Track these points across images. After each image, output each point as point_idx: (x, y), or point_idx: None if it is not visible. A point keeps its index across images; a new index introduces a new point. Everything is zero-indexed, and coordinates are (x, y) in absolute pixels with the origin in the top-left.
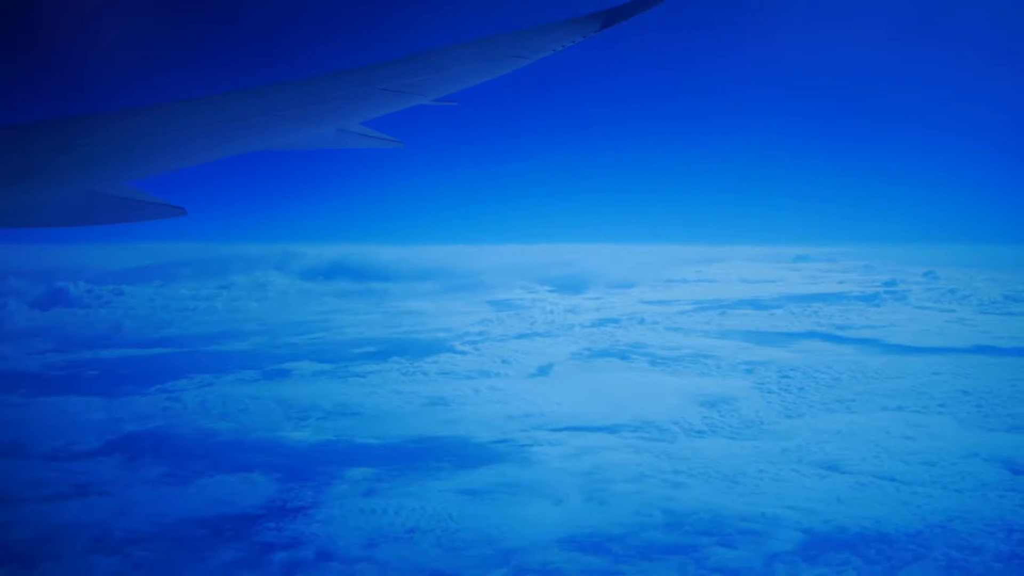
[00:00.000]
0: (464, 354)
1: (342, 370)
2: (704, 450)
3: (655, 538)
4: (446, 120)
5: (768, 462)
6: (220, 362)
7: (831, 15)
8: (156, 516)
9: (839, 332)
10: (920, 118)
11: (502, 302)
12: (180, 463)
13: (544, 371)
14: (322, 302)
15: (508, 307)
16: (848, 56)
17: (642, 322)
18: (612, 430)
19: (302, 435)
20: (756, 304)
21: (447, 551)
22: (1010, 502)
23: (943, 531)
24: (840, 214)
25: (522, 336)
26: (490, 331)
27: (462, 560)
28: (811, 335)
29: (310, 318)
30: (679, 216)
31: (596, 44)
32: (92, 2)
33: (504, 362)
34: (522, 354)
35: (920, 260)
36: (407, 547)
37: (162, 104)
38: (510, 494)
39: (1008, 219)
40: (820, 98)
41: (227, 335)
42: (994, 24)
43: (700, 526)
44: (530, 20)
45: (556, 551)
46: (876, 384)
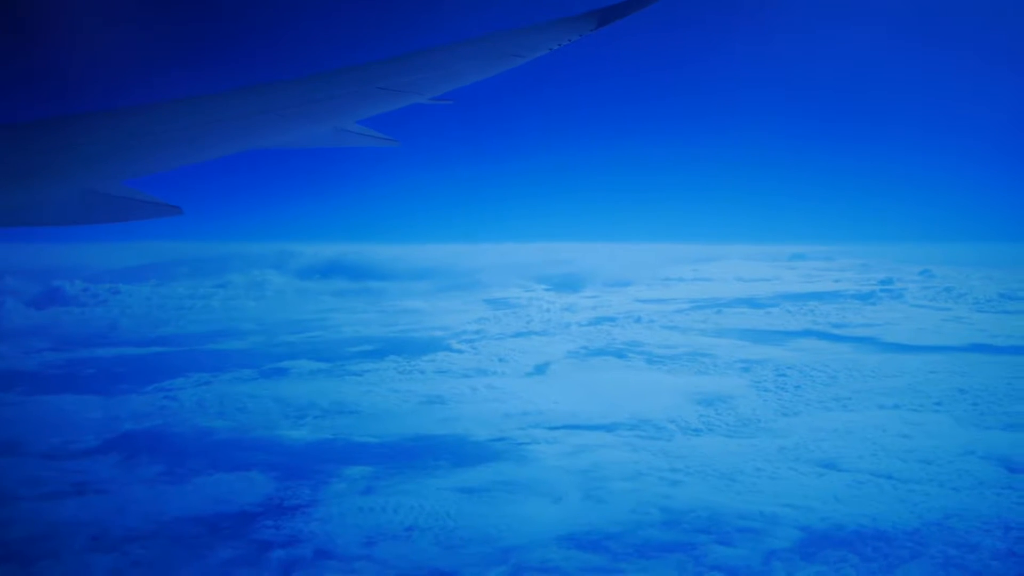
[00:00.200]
0: (461, 353)
1: (339, 369)
2: (701, 448)
3: (653, 536)
4: (443, 119)
5: (765, 460)
6: (217, 361)
7: (827, 15)
8: (154, 514)
9: (835, 330)
10: (916, 118)
11: (499, 301)
12: (177, 461)
13: (541, 369)
14: (319, 301)
15: (505, 306)
16: (844, 56)
17: (638, 321)
18: (609, 428)
19: (300, 433)
20: (752, 303)
21: (446, 549)
22: (1007, 500)
23: (940, 529)
24: (836, 213)
25: (519, 335)
26: (487, 330)
27: (461, 558)
28: (807, 333)
29: (307, 317)
30: (675, 215)
31: (592, 43)
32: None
33: (501, 360)
34: (519, 353)
35: (916, 259)
36: (406, 545)
37: (158, 103)
38: (508, 492)
39: (1004, 218)
40: (817, 98)
41: (224, 334)
42: (992, 24)
43: (698, 524)
44: (526, 19)
45: (554, 549)
46: (873, 382)
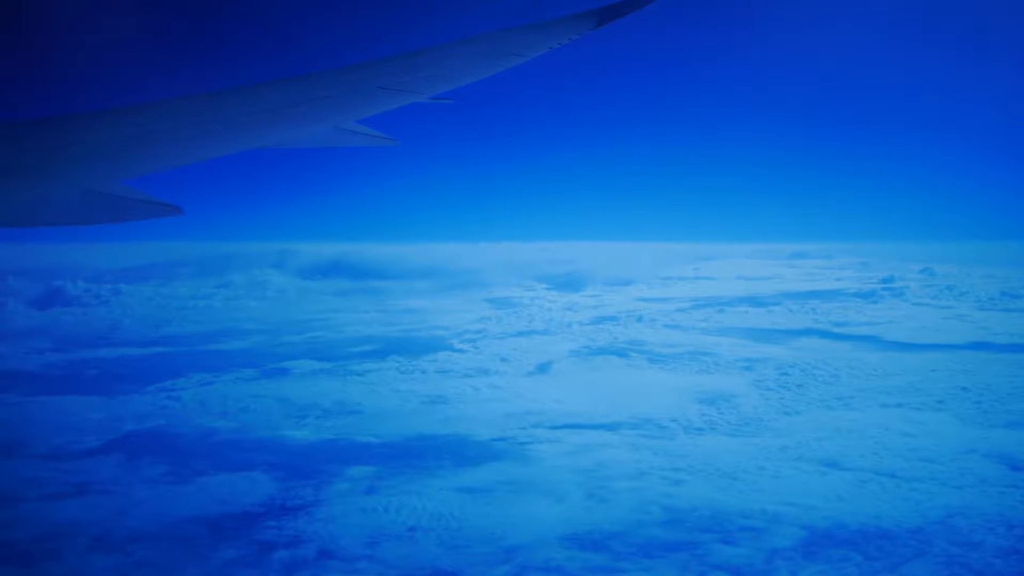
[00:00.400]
0: (463, 352)
1: (341, 368)
2: (703, 447)
3: (656, 535)
4: (442, 118)
5: (768, 459)
6: (219, 361)
7: (827, 14)
8: (156, 515)
9: (837, 329)
10: (918, 117)
11: (500, 300)
12: (180, 462)
13: (543, 369)
14: (321, 301)
15: (506, 305)
16: (845, 55)
17: (640, 320)
18: (611, 427)
19: (302, 433)
20: (754, 301)
21: (449, 549)
22: (1010, 498)
23: (943, 527)
24: (837, 211)
25: (521, 334)
26: (488, 329)
27: (464, 558)
28: (809, 332)
29: (309, 317)
30: (676, 214)
31: (593, 42)
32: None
33: (503, 360)
34: (521, 352)
35: (917, 257)
36: (409, 545)
37: (158, 102)
38: (511, 492)
39: (1005, 216)
40: (818, 97)
41: (226, 334)
42: (992, 24)
43: (700, 523)
44: (525, 18)
45: (557, 549)
46: (874, 381)
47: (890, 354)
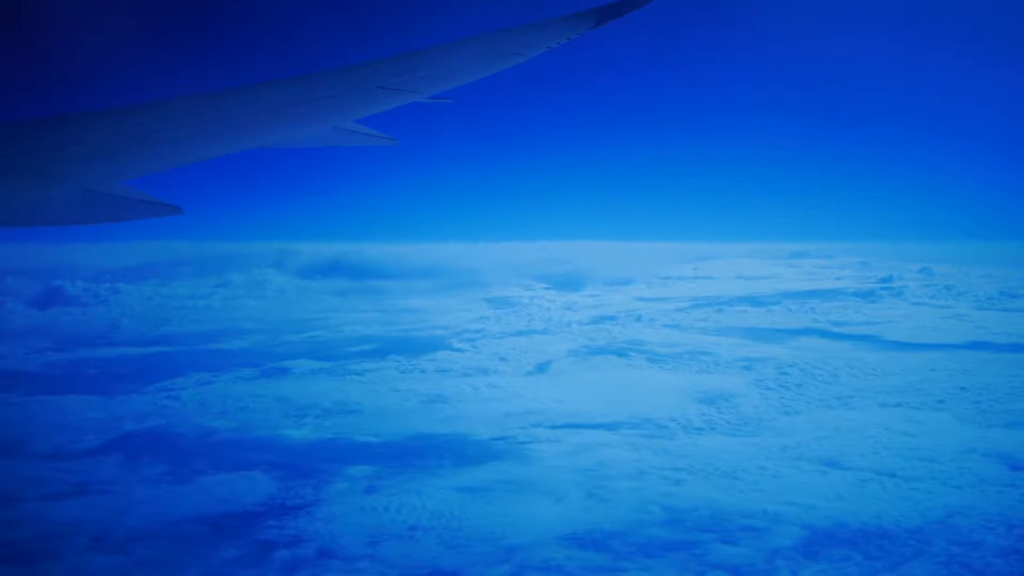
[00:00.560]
0: (462, 352)
1: (340, 368)
2: (703, 447)
3: (656, 535)
4: (441, 117)
5: (768, 458)
6: (219, 360)
7: (827, 14)
8: (156, 514)
9: (836, 328)
10: (917, 117)
11: (499, 299)
12: (180, 461)
13: (542, 368)
14: (320, 300)
15: (505, 305)
16: (844, 55)
17: (639, 319)
18: (611, 427)
19: (301, 433)
20: (753, 301)
21: (449, 548)
22: (1009, 498)
23: (943, 527)
24: (836, 211)
25: (520, 333)
26: (488, 328)
27: (464, 557)
28: (808, 332)
29: (308, 316)
30: (675, 213)
31: (591, 41)
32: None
33: (502, 359)
34: (520, 351)
35: (916, 257)
36: (409, 544)
37: (157, 102)
38: (510, 491)
39: (1003, 216)
40: (817, 96)
41: (225, 333)
42: (992, 24)
43: (701, 523)
44: (524, 18)
45: (557, 548)
46: (874, 380)
47: (889, 354)
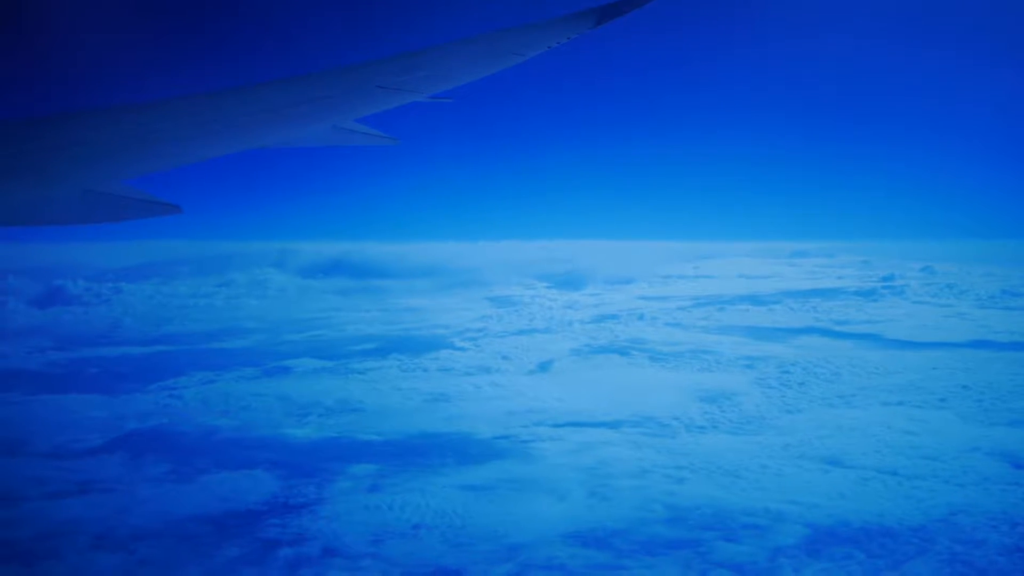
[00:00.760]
0: (464, 350)
1: (343, 367)
2: (705, 445)
3: (658, 533)
4: (442, 117)
5: (770, 457)
6: (221, 359)
7: (829, 14)
8: (159, 513)
9: (838, 327)
10: (918, 116)
11: (501, 298)
12: (182, 460)
13: (544, 367)
14: (322, 299)
15: (507, 303)
16: (845, 54)
17: (641, 318)
18: (613, 426)
19: (304, 432)
20: (755, 300)
21: (452, 547)
22: (1012, 496)
23: (946, 525)
24: (837, 210)
25: (522, 332)
26: (489, 327)
27: (468, 556)
28: (810, 330)
29: (310, 315)
30: (676, 212)
31: (592, 41)
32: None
33: (504, 358)
34: (522, 350)
35: (918, 255)
36: (413, 543)
37: (157, 102)
38: (513, 490)
39: (1005, 214)
40: (818, 96)
41: (227, 332)
42: (993, 22)
43: (703, 521)
44: (524, 17)
45: (560, 547)
46: (876, 379)
47: (891, 352)
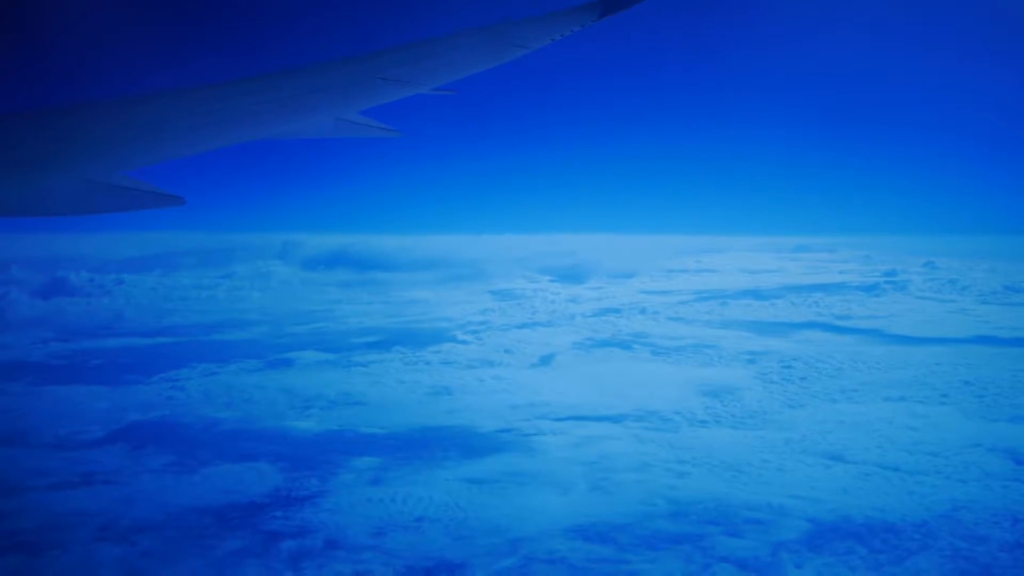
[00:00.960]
0: (466, 344)
1: (345, 359)
2: (708, 440)
3: (661, 527)
4: (445, 109)
5: (772, 452)
6: (223, 351)
7: (832, 9)
8: (162, 505)
9: (840, 322)
10: (920, 111)
11: (503, 292)
12: (185, 452)
13: (546, 361)
14: (324, 291)
15: (509, 297)
16: (848, 49)
17: (643, 312)
18: (615, 420)
19: (307, 424)
20: (757, 294)
21: (456, 540)
22: (1015, 492)
23: (948, 521)
24: (839, 204)
25: (524, 326)
26: (492, 321)
27: (471, 549)
28: (812, 325)
29: (312, 307)
30: (679, 206)
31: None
32: None
33: (506, 352)
34: (524, 344)
35: (920, 250)
36: (416, 535)
37: (160, 93)
38: (516, 483)
39: (1008, 210)
40: (822, 91)
41: (230, 324)
42: (993, 21)
43: (705, 515)
44: (528, 10)
45: (562, 540)
46: (878, 374)
47: (893, 347)
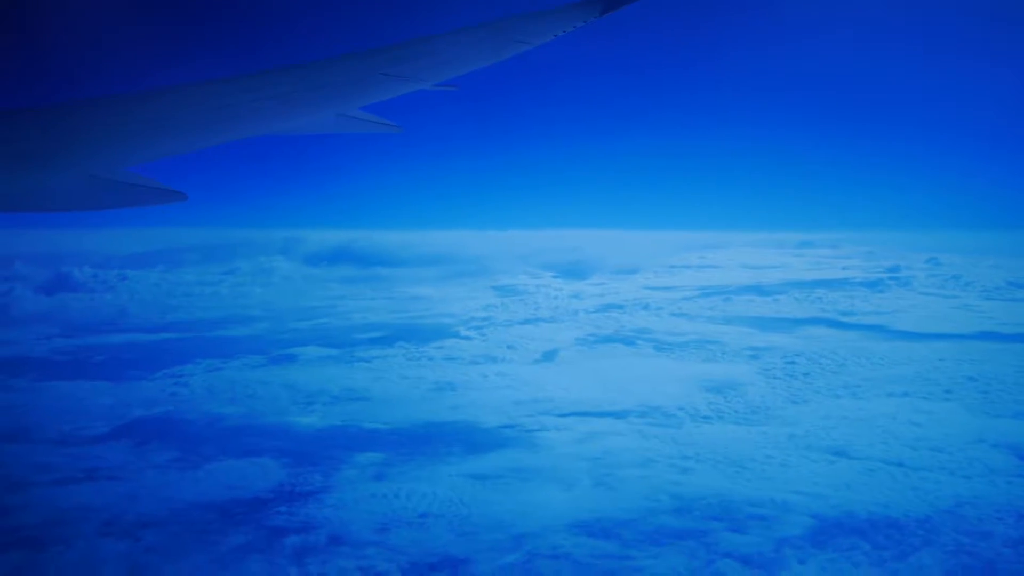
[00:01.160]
0: (469, 339)
1: (348, 355)
2: (711, 436)
3: (664, 523)
4: (448, 105)
5: (775, 447)
6: (226, 347)
7: (836, 5)
8: (166, 500)
9: (843, 318)
10: (925, 107)
11: (506, 288)
12: (189, 448)
13: (549, 356)
14: (327, 287)
15: (512, 293)
16: (851, 46)
17: (646, 308)
18: (619, 415)
19: (310, 420)
20: (760, 290)
21: (460, 536)
22: (1018, 488)
23: (952, 517)
24: (843, 200)
25: (527, 322)
26: (495, 317)
27: (475, 545)
28: (815, 321)
29: (315, 303)
30: (682, 202)
31: (599, 30)
32: None
33: (509, 348)
34: (527, 340)
35: (923, 246)
36: (419, 532)
37: (162, 89)
38: (520, 479)
39: (1011, 206)
40: (826, 87)
41: (233, 320)
42: (996, 15)
43: (709, 511)
44: (530, 5)
45: (566, 536)
46: (881, 370)
47: (897, 343)
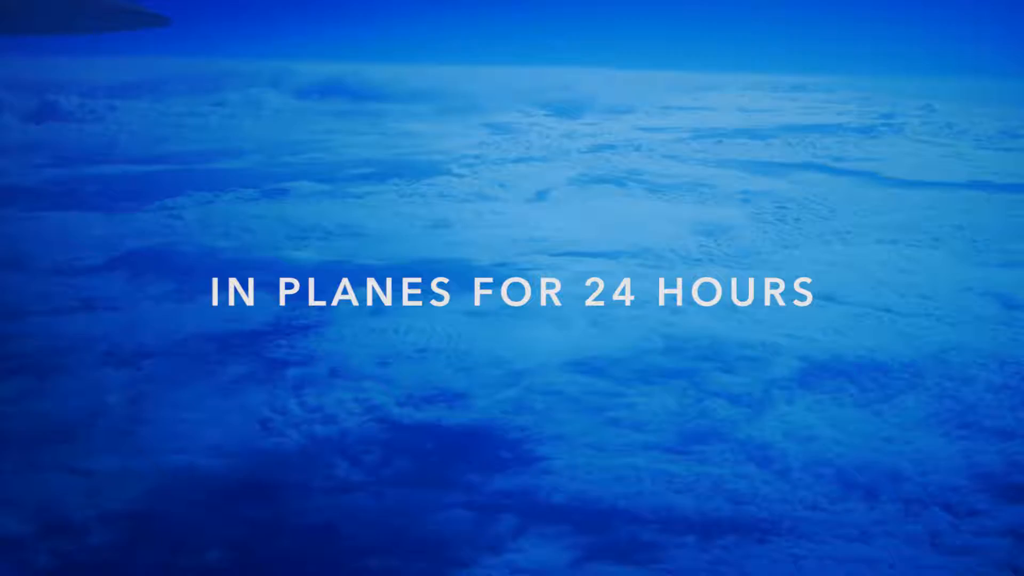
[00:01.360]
0: (462, 177)
1: (341, 191)
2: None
3: (656, 363)
4: None
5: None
6: (218, 180)
7: None
8: (164, 332)
9: (836, 164)
10: None
11: (498, 125)
12: (184, 280)
13: (542, 196)
14: (318, 121)
15: (504, 130)
16: None
17: (639, 149)
18: (612, 256)
19: (306, 254)
20: (753, 134)
21: (458, 371)
22: (1003, 336)
23: (937, 362)
24: (838, 43)
25: (519, 160)
26: (487, 154)
27: (473, 379)
28: (808, 166)
29: (306, 137)
30: (678, 42)
31: None
32: None
33: (501, 186)
34: (519, 178)
35: (918, 93)
36: (419, 365)
37: None
38: (515, 318)
39: (1006, 52)
40: None
41: (223, 153)
42: None
43: (700, 352)
44: None
45: (561, 373)
46: (872, 217)
47: (888, 190)
